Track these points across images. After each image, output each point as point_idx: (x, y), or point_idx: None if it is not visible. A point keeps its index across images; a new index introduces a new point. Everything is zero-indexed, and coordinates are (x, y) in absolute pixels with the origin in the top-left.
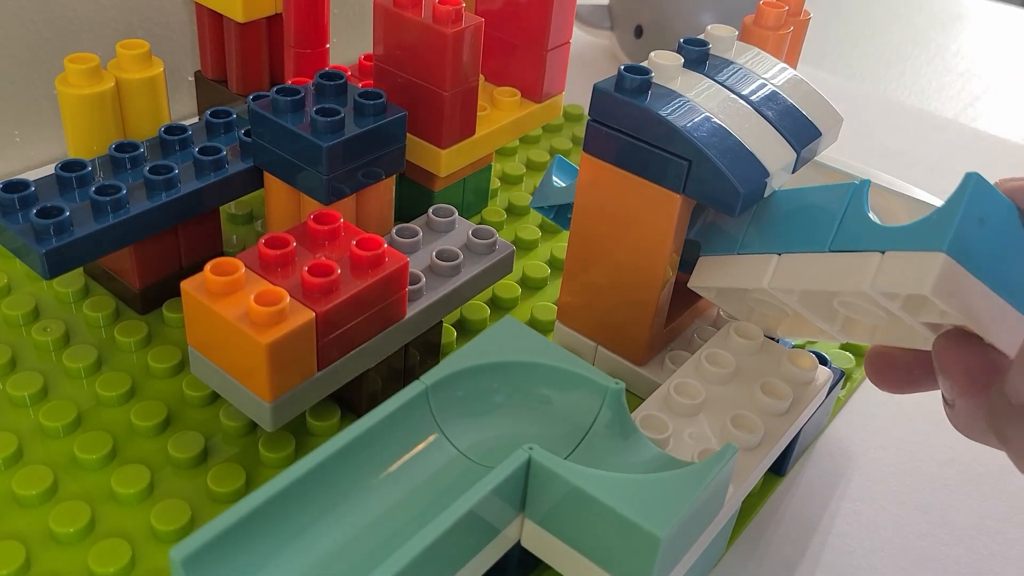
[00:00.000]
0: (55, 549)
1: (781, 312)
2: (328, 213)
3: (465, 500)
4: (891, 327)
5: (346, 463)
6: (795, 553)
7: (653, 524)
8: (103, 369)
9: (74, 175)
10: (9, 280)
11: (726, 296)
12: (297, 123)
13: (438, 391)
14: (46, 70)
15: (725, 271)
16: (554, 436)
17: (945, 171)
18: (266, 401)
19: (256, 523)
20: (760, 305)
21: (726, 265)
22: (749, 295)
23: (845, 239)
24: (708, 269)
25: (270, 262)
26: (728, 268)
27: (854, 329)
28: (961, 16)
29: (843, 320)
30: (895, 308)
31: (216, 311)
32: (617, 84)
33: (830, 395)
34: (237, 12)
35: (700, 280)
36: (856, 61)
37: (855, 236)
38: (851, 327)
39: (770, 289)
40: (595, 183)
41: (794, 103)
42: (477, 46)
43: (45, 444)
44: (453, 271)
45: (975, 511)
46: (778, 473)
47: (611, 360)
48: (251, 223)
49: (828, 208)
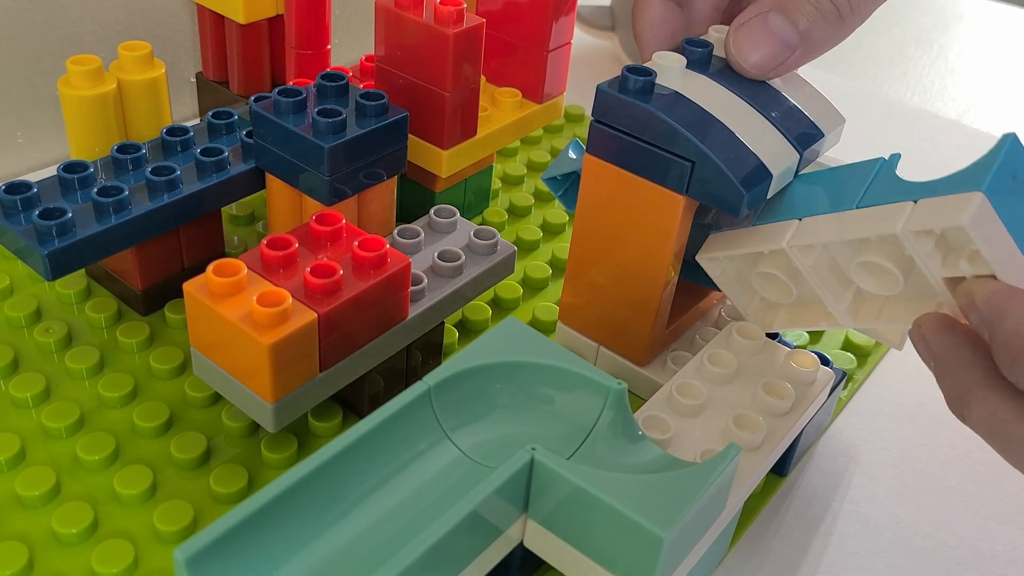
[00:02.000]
0: (58, 550)
1: (787, 291)
2: (330, 214)
3: (468, 500)
4: (903, 300)
5: (349, 463)
6: (797, 554)
7: (656, 524)
8: (105, 370)
9: (76, 176)
10: (11, 281)
11: (729, 273)
12: (299, 124)
13: (441, 391)
14: (48, 71)
15: (739, 240)
16: (557, 436)
17: (947, 172)
18: (268, 402)
19: (260, 523)
20: (765, 282)
21: (740, 236)
22: (755, 270)
23: (875, 196)
24: (720, 241)
25: (272, 263)
26: (742, 237)
27: (862, 307)
28: (963, 17)
29: (854, 294)
30: (923, 253)
31: (218, 312)
32: (620, 85)
33: (832, 395)
34: (238, 13)
35: (710, 251)
36: (858, 61)
37: (885, 193)
38: (860, 304)
39: (788, 248)
40: (598, 184)
41: (797, 104)
42: (478, 47)
43: (48, 445)
44: (455, 272)
45: (978, 512)
46: (780, 474)
47: (612, 360)
48: (253, 224)
49: (855, 176)
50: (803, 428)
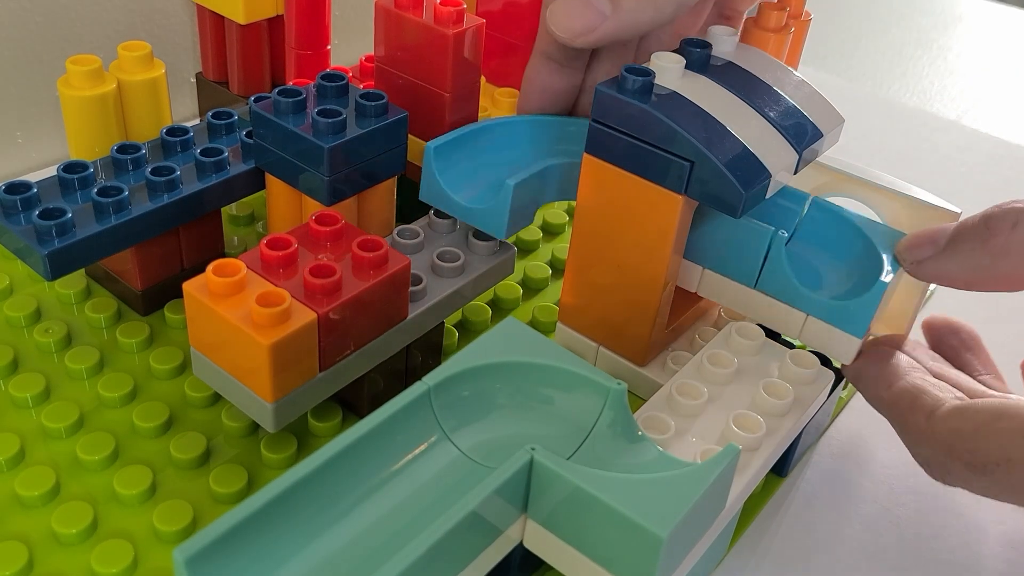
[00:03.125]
0: (57, 550)
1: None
2: (330, 214)
3: (468, 501)
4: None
5: (349, 463)
6: (796, 554)
7: (656, 524)
8: (105, 370)
9: (76, 176)
10: (11, 281)
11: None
12: (299, 124)
13: (441, 392)
14: (48, 71)
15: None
16: (556, 437)
17: (947, 172)
18: (268, 402)
19: (260, 524)
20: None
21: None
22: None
23: (770, 281)
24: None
25: (272, 263)
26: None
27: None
28: (963, 17)
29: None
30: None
31: (218, 312)
32: (619, 85)
33: (831, 395)
34: (238, 14)
35: None
36: (857, 62)
37: (779, 285)
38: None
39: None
40: (597, 184)
41: (796, 104)
42: (478, 47)
43: (47, 445)
44: (455, 272)
45: (977, 513)
46: (779, 474)
47: (612, 360)
48: (252, 224)
49: (751, 242)
50: (803, 428)
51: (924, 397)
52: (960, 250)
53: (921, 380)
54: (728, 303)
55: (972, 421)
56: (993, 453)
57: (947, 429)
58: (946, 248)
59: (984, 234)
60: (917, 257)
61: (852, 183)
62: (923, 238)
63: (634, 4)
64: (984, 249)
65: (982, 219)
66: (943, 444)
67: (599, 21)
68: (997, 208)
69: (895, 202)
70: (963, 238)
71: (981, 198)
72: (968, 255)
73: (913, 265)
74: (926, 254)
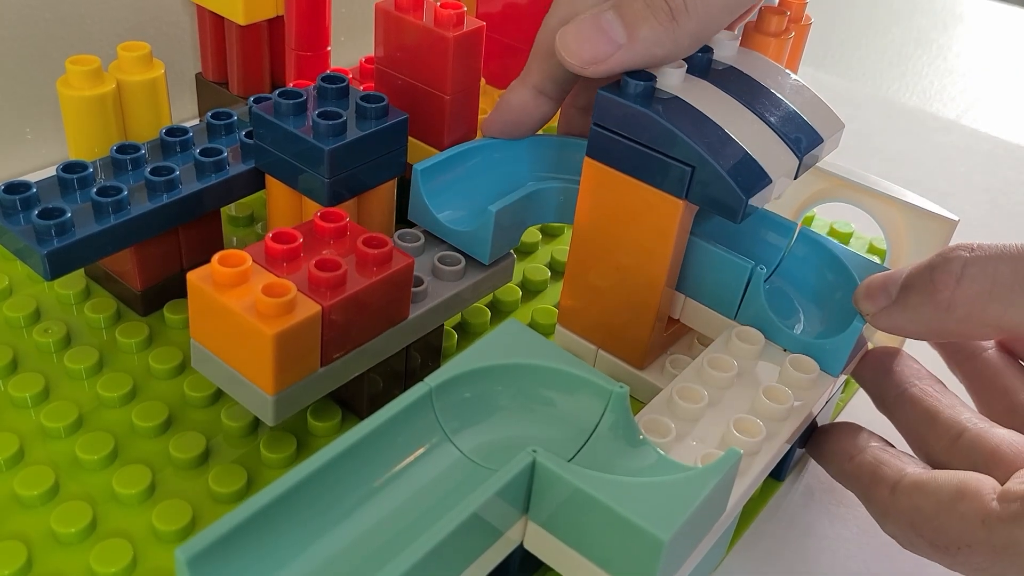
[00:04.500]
0: (57, 549)
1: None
2: (334, 212)
3: (469, 503)
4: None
5: (351, 464)
6: (794, 557)
7: (657, 527)
8: (104, 370)
9: (75, 176)
10: (10, 282)
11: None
12: (299, 126)
13: (442, 393)
14: (55, 69)
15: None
16: (558, 439)
17: (946, 173)
18: (269, 394)
19: (262, 524)
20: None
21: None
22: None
23: (750, 313)
24: None
25: (276, 256)
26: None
27: None
28: (962, 17)
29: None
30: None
31: (223, 302)
32: (620, 89)
33: (831, 400)
34: (238, 14)
35: None
36: (857, 62)
37: (758, 317)
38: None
39: (682, 320)
40: (597, 187)
41: (796, 109)
42: (478, 49)
43: (46, 445)
44: (456, 276)
45: None
46: (777, 478)
47: (611, 363)
48: (252, 225)
49: (730, 274)
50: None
51: (884, 469)
52: (909, 304)
53: (881, 451)
54: (711, 333)
55: (933, 499)
56: (955, 538)
57: (910, 506)
58: (897, 299)
59: (930, 287)
60: (869, 310)
61: (850, 189)
62: (875, 288)
63: (651, 36)
64: (932, 304)
65: (927, 269)
66: (906, 521)
67: (611, 51)
68: (941, 257)
69: (892, 208)
70: (913, 290)
71: (981, 198)
72: (917, 309)
73: (869, 317)
74: (880, 304)
